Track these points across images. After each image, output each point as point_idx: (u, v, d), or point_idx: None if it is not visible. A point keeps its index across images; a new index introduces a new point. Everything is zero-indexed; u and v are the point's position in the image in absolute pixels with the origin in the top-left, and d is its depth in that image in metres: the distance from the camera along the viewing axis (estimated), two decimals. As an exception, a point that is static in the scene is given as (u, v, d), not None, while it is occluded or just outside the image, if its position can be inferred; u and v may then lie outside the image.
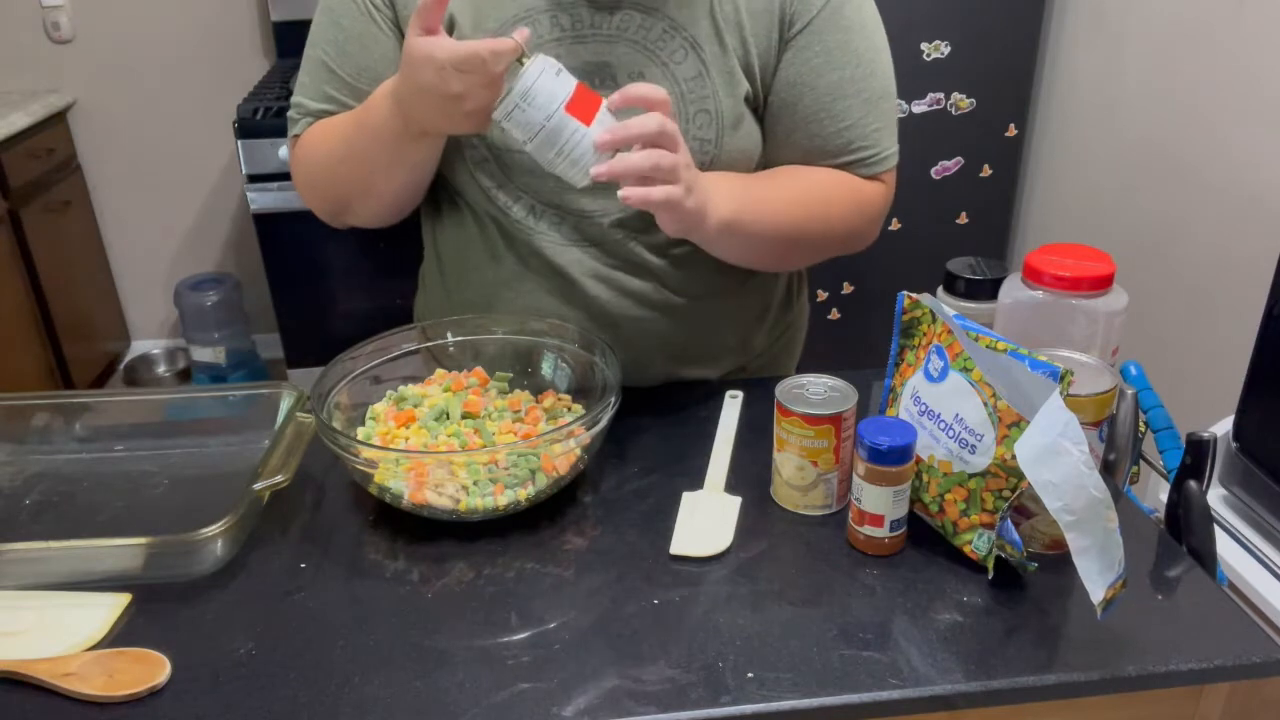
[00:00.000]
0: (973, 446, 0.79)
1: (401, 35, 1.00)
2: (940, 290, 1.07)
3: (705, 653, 0.73)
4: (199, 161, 3.07)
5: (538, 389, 1.02)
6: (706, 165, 0.99)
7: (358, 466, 0.86)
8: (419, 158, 0.98)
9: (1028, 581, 0.80)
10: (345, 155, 1.00)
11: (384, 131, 0.94)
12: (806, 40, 0.99)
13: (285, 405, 1.00)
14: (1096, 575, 0.72)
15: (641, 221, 1.01)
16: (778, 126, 1.02)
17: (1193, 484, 0.92)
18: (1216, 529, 0.92)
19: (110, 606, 0.79)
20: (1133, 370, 1.07)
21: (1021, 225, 2.66)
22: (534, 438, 0.89)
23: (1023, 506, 0.82)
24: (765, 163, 1.06)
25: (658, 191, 0.83)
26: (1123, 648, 0.73)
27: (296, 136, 1.06)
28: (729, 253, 1.01)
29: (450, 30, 0.98)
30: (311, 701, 0.70)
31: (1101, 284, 0.91)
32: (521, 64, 0.82)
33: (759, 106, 1.02)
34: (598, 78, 0.97)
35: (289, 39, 2.87)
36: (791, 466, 0.88)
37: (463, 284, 1.12)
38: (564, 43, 0.97)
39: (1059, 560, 0.80)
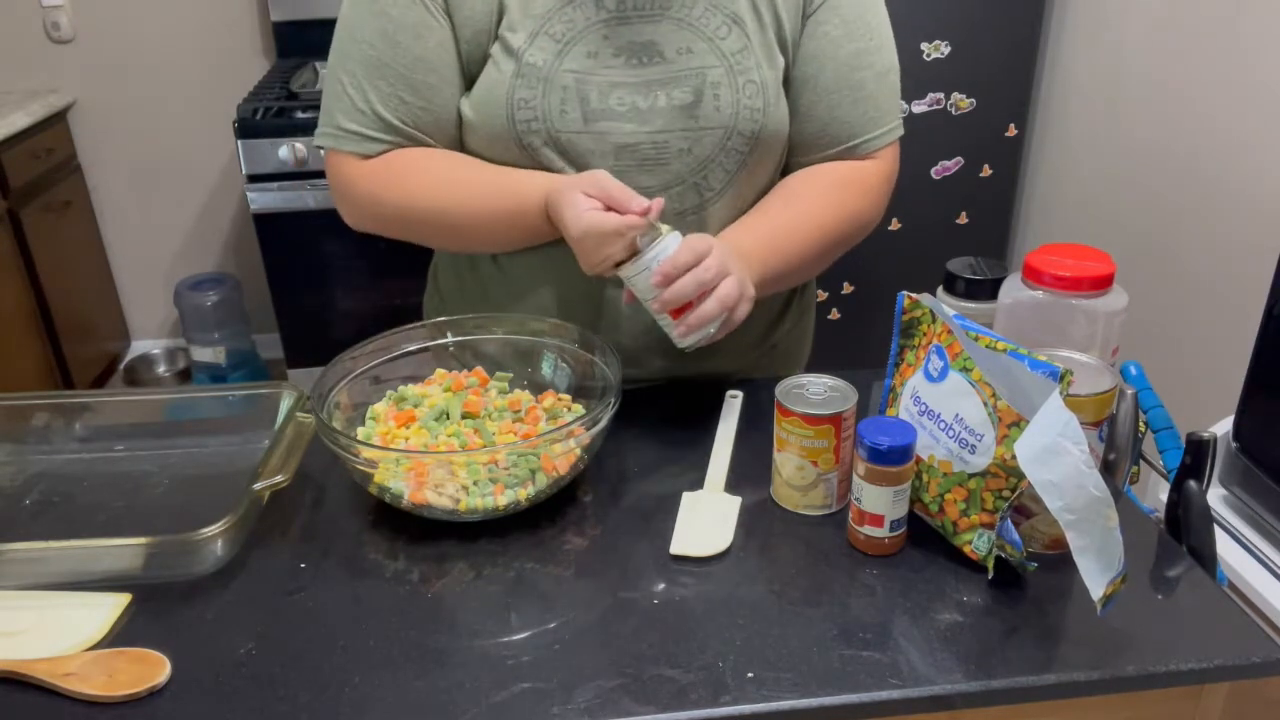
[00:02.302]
0: (973, 446, 0.79)
1: (452, 22, 0.98)
2: (940, 290, 1.07)
3: (705, 653, 0.73)
4: (199, 161, 3.06)
5: (538, 389, 1.02)
6: (755, 134, 1.01)
7: (357, 466, 0.86)
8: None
9: (1028, 581, 0.80)
10: (454, 226, 1.02)
11: (534, 233, 1.00)
12: (826, 14, 1.02)
13: (285, 405, 0.99)
14: (1097, 573, 0.72)
15: (698, 196, 1.03)
16: (800, 101, 1.05)
17: (1193, 484, 0.92)
18: (1216, 529, 0.92)
19: (110, 606, 0.79)
20: (1133, 370, 1.07)
21: (1021, 225, 2.66)
22: (534, 438, 0.89)
23: (1023, 506, 0.82)
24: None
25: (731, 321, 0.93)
26: (1123, 648, 0.73)
27: (362, 156, 1.01)
28: (770, 291, 1.06)
29: (500, 15, 0.98)
30: (311, 701, 0.70)
31: (1101, 284, 0.91)
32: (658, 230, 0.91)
33: (787, 81, 1.04)
34: (645, 55, 0.99)
35: (289, 39, 2.87)
36: (791, 466, 0.88)
37: (470, 277, 1.13)
38: (610, 24, 0.98)
39: (1059, 560, 0.80)
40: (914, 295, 0.89)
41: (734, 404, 1.06)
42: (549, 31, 0.97)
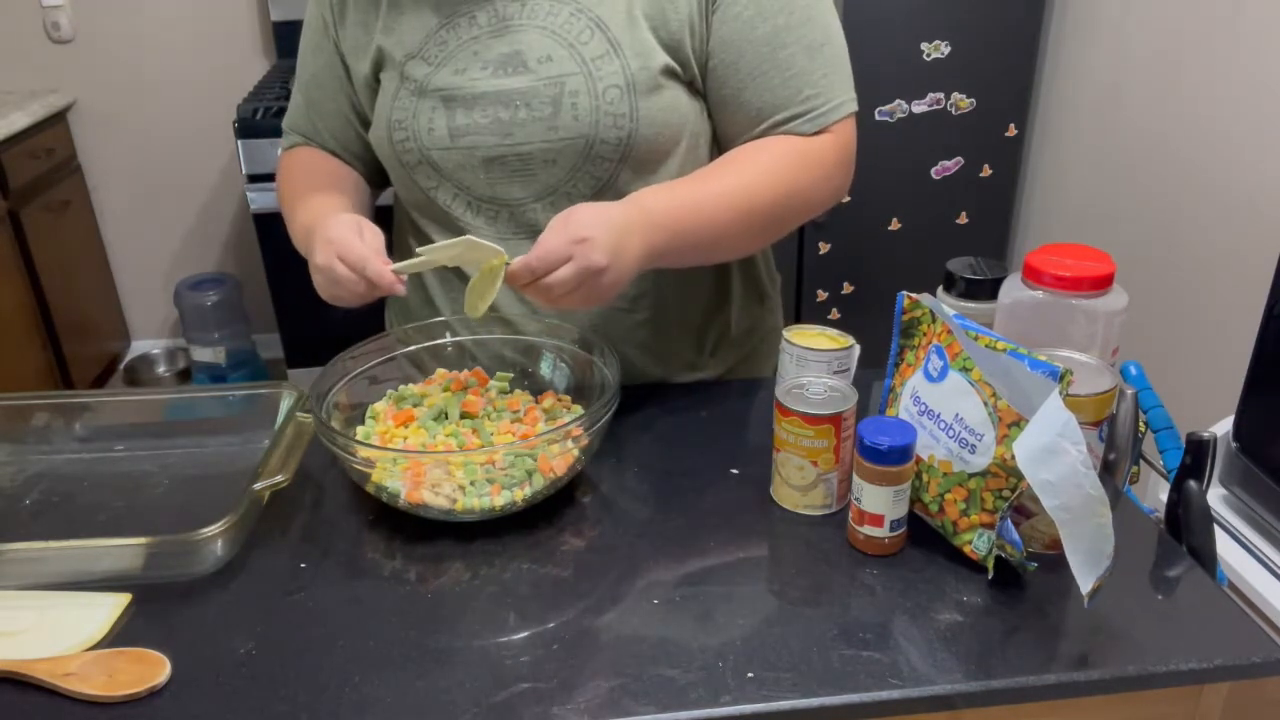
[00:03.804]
0: (973, 446, 0.79)
1: (340, 52, 1.07)
2: (940, 290, 1.06)
3: (705, 653, 0.73)
4: (199, 161, 3.07)
5: (537, 389, 1.02)
6: (624, 140, 0.98)
7: (355, 466, 0.86)
8: None
9: (1028, 581, 0.80)
10: (289, 225, 1.11)
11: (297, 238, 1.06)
12: None
13: (285, 405, 1.00)
14: (1086, 568, 0.72)
15: (570, 204, 1.00)
16: (725, 89, 1.01)
17: (1193, 484, 0.92)
18: (1216, 529, 0.92)
19: (110, 606, 0.79)
20: (1133, 370, 1.07)
21: (1021, 225, 2.66)
22: (531, 438, 0.89)
23: (1023, 506, 0.82)
24: (721, 133, 1.05)
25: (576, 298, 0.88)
26: (1123, 648, 0.73)
27: (284, 148, 1.18)
28: (686, 263, 1.01)
29: (380, 63, 1.04)
30: (311, 701, 0.70)
31: (1101, 284, 0.91)
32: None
33: (694, 79, 1.01)
34: (510, 66, 0.98)
35: (289, 39, 2.87)
36: (791, 466, 0.88)
37: (415, 288, 1.14)
38: (480, 39, 0.99)
39: (1058, 560, 0.80)
40: (914, 295, 0.89)
41: None
42: (424, 55, 1.01)
